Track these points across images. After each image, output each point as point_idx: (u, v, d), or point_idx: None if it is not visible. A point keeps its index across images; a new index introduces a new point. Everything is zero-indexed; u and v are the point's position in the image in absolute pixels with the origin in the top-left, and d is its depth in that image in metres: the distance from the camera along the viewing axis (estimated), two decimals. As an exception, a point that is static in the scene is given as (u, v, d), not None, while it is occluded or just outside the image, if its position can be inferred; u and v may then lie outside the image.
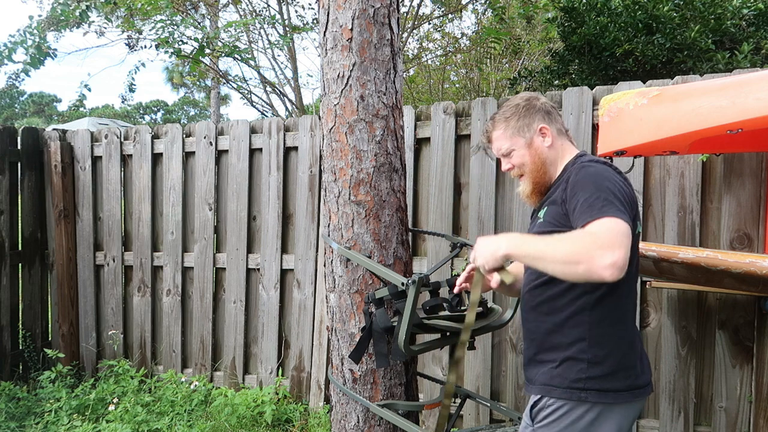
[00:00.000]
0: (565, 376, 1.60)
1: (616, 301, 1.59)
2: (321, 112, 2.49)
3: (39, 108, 35.24)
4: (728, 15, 3.94)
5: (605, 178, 1.53)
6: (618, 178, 1.56)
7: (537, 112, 1.77)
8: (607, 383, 1.57)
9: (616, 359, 1.58)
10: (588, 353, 1.58)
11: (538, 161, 1.75)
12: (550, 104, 1.81)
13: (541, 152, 1.75)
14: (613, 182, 1.52)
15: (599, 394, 1.57)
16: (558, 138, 1.77)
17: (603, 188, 1.48)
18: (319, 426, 3.35)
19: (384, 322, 2.06)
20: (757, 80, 1.91)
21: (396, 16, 2.40)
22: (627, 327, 1.63)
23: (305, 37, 9.02)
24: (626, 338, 1.62)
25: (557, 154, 1.75)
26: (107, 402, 3.61)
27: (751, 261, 2.16)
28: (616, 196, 1.46)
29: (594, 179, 1.53)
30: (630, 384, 1.59)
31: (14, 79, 6.29)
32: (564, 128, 1.81)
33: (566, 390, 1.59)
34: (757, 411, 2.76)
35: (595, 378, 1.57)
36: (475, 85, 9.19)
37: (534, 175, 1.75)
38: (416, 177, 3.42)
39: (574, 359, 1.59)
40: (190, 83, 19.53)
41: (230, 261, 3.85)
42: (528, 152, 1.76)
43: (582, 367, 1.58)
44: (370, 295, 2.15)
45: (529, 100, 1.80)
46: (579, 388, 1.58)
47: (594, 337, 1.58)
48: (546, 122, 1.76)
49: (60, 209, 4.14)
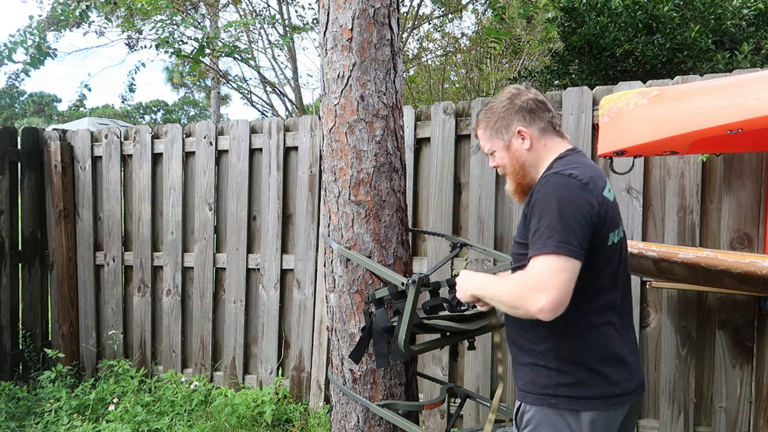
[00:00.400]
0: (537, 382, 1.60)
1: (582, 310, 1.56)
2: (321, 112, 2.49)
3: (39, 108, 35.24)
4: (728, 15, 3.94)
5: (559, 199, 1.50)
6: (575, 194, 1.51)
7: (517, 112, 1.70)
8: (578, 391, 1.56)
9: (585, 368, 1.56)
10: (555, 362, 1.58)
11: (516, 164, 1.73)
12: (535, 100, 1.72)
13: (519, 155, 1.71)
14: (566, 202, 1.49)
15: (570, 401, 1.56)
16: (540, 138, 1.70)
17: (553, 214, 1.48)
18: (319, 426, 3.35)
19: (384, 322, 2.06)
20: (757, 80, 1.91)
21: (396, 16, 2.40)
22: (602, 334, 1.58)
23: (305, 37, 9.03)
24: (600, 346, 1.58)
25: (538, 155, 1.70)
26: (107, 402, 3.61)
27: (751, 261, 2.16)
28: (564, 222, 1.46)
29: (548, 202, 1.51)
30: (603, 392, 1.56)
31: (14, 79, 6.29)
32: (552, 124, 1.72)
33: (538, 396, 1.60)
34: (757, 411, 2.76)
35: (565, 385, 1.56)
36: (475, 85, 9.19)
37: (513, 177, 1.75)
38: (416, 177, 3.42)
39: (544, 366, 1.60)
40: (190, 83, 19.52)
41: (230, 261, 3.85)
42: (507, 154, 1.74)
43: (552, 374, 1.58)
44: (370, 295, 2.15)
45: (511, 98, 1.73)
46: (549, 394, 1.58)
47: (561, 345, 1.58)
48: (525, 123, 1.70)
49: (60, 209, 4.14)
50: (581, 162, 1.64)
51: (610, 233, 1.57)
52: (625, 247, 1.70)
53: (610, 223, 1.58)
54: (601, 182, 1.59)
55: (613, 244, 1.60)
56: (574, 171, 1.56)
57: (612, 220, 1.59)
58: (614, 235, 1.60)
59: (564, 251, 1.44)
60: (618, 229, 1.63)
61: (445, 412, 3.34)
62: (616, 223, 1.61)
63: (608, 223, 1.57)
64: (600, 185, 1.58)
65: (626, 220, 2.94)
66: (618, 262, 1.63)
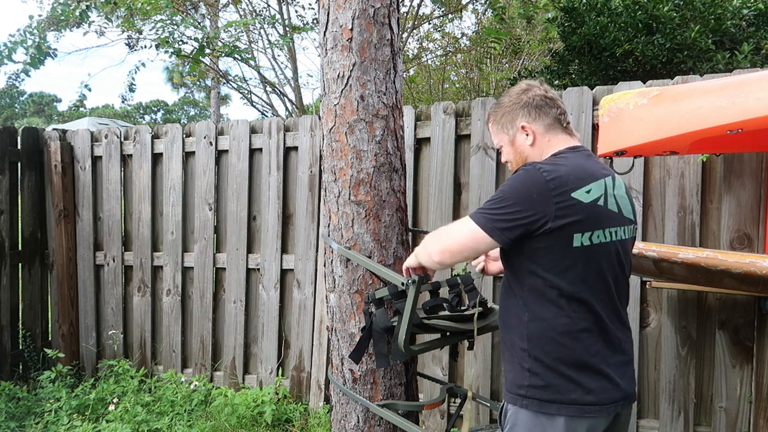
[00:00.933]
0: (514, 382, 1.62)
1: (556, 314, 1.56)
2: (321, 112, 2.49)
3: (39, 108, 35.25)
4: (728, 15, 3.94)
5: (513, 185, 1.59)
6: (529, 184, 1.55)
7: (522, 107, 1.72)
8: (548, 394, 1.56)
9: (557, 372, 1.55)
10: (529, 362, 1.59)
11: (520, 159, 1.75)
12: (543, 96, 1.73)
13: (523, 150, 1.74)
14: (517, 189, 1.57)
15: (540, 403, 1.56)
16: (545, 134, 1.71)
17: (499, 193, 1.59)
18: (319, 426, 3.35)
19: (384, 322, 2.06)
20: (757, 80, 1.91)
21: (396, 16, 2.40)
22: (578, 341, 1.56)
23: (305, 37, 9.03)
24: (575, 353, 1.56)
25: (541, 151, 1.71)
26: (107, 402, 3.61)
27: (751, 261, 2.16)
28: (502, 202, 1.57)
29: (503, 186, 1.61)
30: (575, 399, 1.54)
31: (14, 79, 6.29)
32: (560, 121, 1.72)
33: (514, 396, 1.61)
34: (757, 411, 2.76)
35: (536, 387, 1.57)
36: (475, 85, 9.19)
37: (517, 168, 1.75)
38: (416, 177, 3.42)
39: (520, 366, 1.61)
40: (190, 83, 19.52)
41: (230, 261, 3.85)
42: (512, 149, 1.77)
43: (525, 374, 1.59)
44: (370, 295, 2.15)
45: (520, 94, 1.75)
46: (522, 395, 1.59)
47: (537, 346, 1.58)
48: (530, 119, 1.71)
49: (60, 209, 4.14)
50: (568, 160, 1.63)
51: (575, 234, 1.53)
52: (615, 252, 1.63)
53: (579, 224, 1.54)
54: (579, 182, 1.56)
55: (584, 246, 1.55)
56: (547, 166, 1.57)
57: (586, 221, 1.54)
58: (584, 237, 1.54)
59: (480, 223, 1.59)
60: (597, 231, 1.56)
61: (445, 412, 3.34)
62: (592, 225, 1.56)
63: (575, 223, 1.53)
64: (575, 185, 1.55)
65: (626, 220, 2.94)
66: (598, 266, 1.58)
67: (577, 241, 1.54)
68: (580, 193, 1.55)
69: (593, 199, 1.57)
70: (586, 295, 1.57)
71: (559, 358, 1.56)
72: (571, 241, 1.54)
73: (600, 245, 1.58)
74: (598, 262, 1.58)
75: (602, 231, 1.58)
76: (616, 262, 1.64)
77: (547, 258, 1.55)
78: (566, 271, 1.55)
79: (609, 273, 1.61)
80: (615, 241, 1.62)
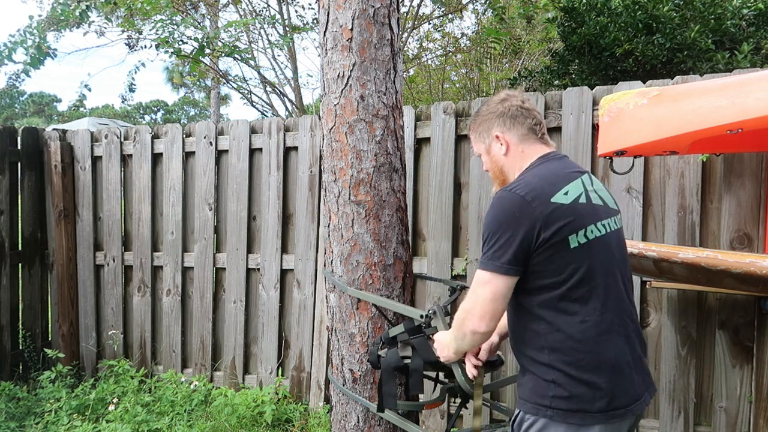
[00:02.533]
0: (534, 391, 1.60)
1: (570, 323, 1.56)
2: (321, 112, 2.49)
3: (39, 108, 35.25)
4: (728, 15, 3.94)
5: (496, 217, 1.59)
6: (511, 212, 1.56)
7: (498, 117, 1.76)
8: (574, 404, 1.54)
9: (580, 381, 1.54)
10: (551, 374, 1.57)
11: (495, 168, 1.81)
12: (519, 107, 1.76)
13: (497, 159, 1.79)
14: (503, 222, 1.57)
15: (565, 414, 1.55)
16: (519, 144, 1.74)
17: (489, 231, 1.60)
18: (319, 426, 3.35)
19: (395, 361, 2.01)
20: (757, 80, 1.91)
21: (396, 16, 2.40)
22: (599, 344, 1.56)
23: (305, 37, 9.02)
24: (598, 358, 1.55)
25: (515, 160, 1.75)
26: (107, 402, 3.61)
27: (751, 261, 2.16)
28: (498, 239, 1.57)
29: (488, 220, 1.62)
30: (601, 407, 1.54)
31: (14, 79, 6.30)
32: (534, 131, 1.75)
33: (534, 406, 1.59)
34: (757, 411, 2.76)
35: (560, 398, 1.55)
36: (475, 85, 9.19)
37: (496, 180, 1.82)
38: (416, 177, 3.42)
39: (542, 378, 1.59)
40: (190, 83, 19.53)
41: (230, 261, 3.85)
42: (488, 158, 1.82)
43: (550, 386, 1.57)
44: (384, 336, 2.11)
45: (497, 103, 1.79)
46: (546, 405, 1.57)
47: (556, 357, 1.57)
48: (504, 128, 1.75)
49: (60, 209, 4.14)
50: (539, 170, 1.67)
51: (570, 236, 1.55)
52: (615, 243, 1.65)
53: (570, 225, 1.55)
54: (553, 187, 1.58)
55: (581, 244, 1.56)
56: (517, 185, 1.61)
57: (572, 221, 1.56)
58: (580, 236, 1.56)
59: (491, 267, 1.57)
60: (590, 227, 1.58)
61: (445, 412, 3.34)
62: (582, 222, 1.57)
63: (565, 225, 1.55)
64: (550, 190, 1.57)
65: (626, 220, 2.94)
66: (601, 261, 1.59)
67: (574, 242, 1.55)
68: (559, 197, 1.57)
69: (573, 199, 1.59)
70: (597, 292, 1.57)
71: (581, 366, 1.55)
72: (567, 243, 1.55)
73: (597, 239, 1.59)
74: (600, 257, 1.59)
75: (594, 225, 1.60)
76: (617, 252, 1.65)
77: (551, 268, 1.56)
78: (573, 275, 1.56)
79: (614, 265, 1.63)
80: (610, 232, 1.64)
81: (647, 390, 1.65)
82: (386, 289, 2.38)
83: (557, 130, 3.08)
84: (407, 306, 2.13)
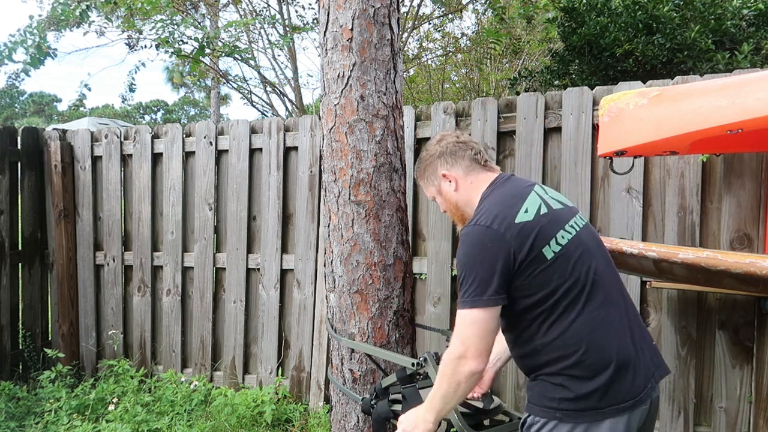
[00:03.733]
0: (543, 394, 1.61)
1: (565, 329, 1.57)
2: (321, 112, 2.49)
3: (39, 108, 35.26)
4: (728, 15, 3.94)
5: (469, 253, 1.60)
6: (482, 245, 1.58)
7: (438, 157, 1.82)
8: (581, 404, 1.55)
9: (586, 380, 1.55)
10: (556, 379, 1.58)
11: (451, 205, 1.85)
12: (455, 142, 1.82)
13: (450, 197, 1.84)
14: (476, 256, 1.58)
15: (575, 414, 1.56)
16: (466, 177, 1.80)
17: (466, 268, 1.60)
18: (319, 426, 3.35)
19: (385, 413, 2.03)
20: (757, 80, 1.91)
21: (396, 16, 2.40)
22: (599, 341, 1.57)
23: (305, 37, 9.02)
24: (597, 358, 1.56)
25: (467, 193, 1.80)
26: (107, 402, 3.61)
27: (751, 261, 2.16)
28: (473, 271, 1.58)
29: (461, 258, 1.62)
30: (609, 402, 1.55)
31: (14, 79, 6.30)
32: (478, 160, 1.81)
33: (543, 408, 1.60)
34: (757, 411, 2.76)
35: (567, 399, 1.56)
36: (475, 85, 9.18)
37: (454, 217, 1.87)
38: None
39: (549, 383, 1.60)
40: (190, 83, 19.52)
41: (230, 261, 3.85)
42: (442, 198, 1.88)
43: (556, 388, 1.58)
44: (377, 387, 2.11)
45: (434, 145, 1.84)
46: (554, 408, 1.58)
47: (557, 366, 1.58)
48: (448, 166, 1.81)
49: (60, 209, 4.13)
50: (493, 197, 1.69)
51: (543, 248, 1.57)
52: (587, 238, 1.67)
53: (539, 238, 1.58)
54: (512, 209, 1.61)
55: (557, 253, 1.58)
56: (479, 217, 1.63)
57: (541, 234, 1.58)
58: (554, 245, 1.58)
59: (478, 304, 1.56)
60: (559, 233, 1.61)
61: None
62: (551, 231, 1.60)
63: (536, 239, 1.57)
64: (511, 213, 1.60)
65: (626, 220, 2.94)
66: (581, 260, 1.60)
67: (549, 253, 1.58)
68: (521, 216, 1.60)
69: (535, 213, 1.62)
70: (586, 292, 1.58)
71: (587, 366, 1.55)
72: (544, 257, 1.57)
73: (570, 242, 1.62)
74: (579, 258, 1.61)
75: (563, 230, 1.63)
76: (592, 245, 1.68)
77: (536, 284, 1.57)
78: (560, 285, 1.57)
79: (593, 259, 1.64)
80: (579, 230, 1.67)
81: (657, 369, 1.65)
82: (386, 289, 2.38)
83: (557, 130, 3.09)
84: (398, 354, 2.16)
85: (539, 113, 3.10)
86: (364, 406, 2.16)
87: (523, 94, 3.19)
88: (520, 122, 3.15)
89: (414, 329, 2.57)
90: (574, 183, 3.03)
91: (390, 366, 2.38)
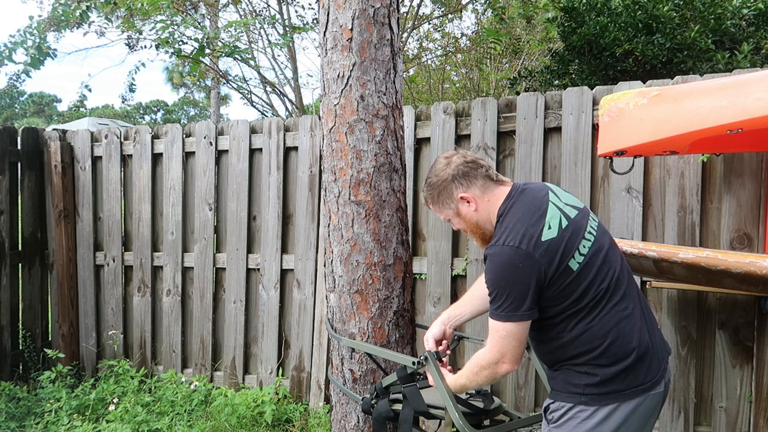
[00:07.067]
0: (569, 381, 1.70)
1: (590, 323, 1.66)
2: (321, 112, 2.49)
3: (39, 108, 35.25)
4: (728, 15, 3.94)
5: (501, 275, 1.65)
6: (513, 266, 1.62)
7: (452, 181, 1.82)
8: (605, 387, 1.65)
9: (609, 366, 1.65)
10: (581, 368, 1.68)
11: (471, 224, 1.86)
12: (464, 163, 1.82)
13: (470, 217, 1.84)
14: (508, 277, 1.63)
15: (600, 397, 1.65)
16: (483, 195, 1.81)
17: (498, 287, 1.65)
18: (319, 426, 3.35)
19: (385, 412, 2.04)
20: (757, 80, 1.91)
21: (396, 16, 2.40)
22: (621, 331, 1.66)
23: (305, 37, 9.03)
24: (620, 347, 1.65)
25: (487, 211, 1.81)
26: (107, 402, 3.61)
27: (751, 261, 2.16)
28: (505, 290, 1.64)
29: (491, 277, 1.68)
30: (630, 383, 1.65)
31: (14, 80, 6.28)
32: (490, 177, 1.82)
33: (568, 394, 1.69)
34: (757, 411, 2.76)
35: (592, 385, 1.66)
36: (475, 85, 9.19)
37: (475, 235, 1.88)
38: (416, 177, 3.42)
39: (573, 371, 1.69)
40: (190, 83, 19.52)
41: (230, 261, 3.85)
42: (460, 219, 1.87)
43: (581, 376, 1.68)
44: (377, 387, 2.12)
45: (444, 168, 1.83)
46: (579, 393, 1.67)
47: (582, 356, 1.67)
48: (464, 188, 1.81)
49: (60, 209, 4.14)
50: (514, 215, 1.71)
51: (568, 262, 1.64)
52: (602, 241, 1.74)
53: (565, 253, 1.64)
54: (536, 227, 1.65)
55: (581, 264, 1.66)
56: (506, 238, 1.66)
57: (566, 249, 1.65)
58: (577, 256, 1.66)
59: (514, 319, 1.64)
60: (581, 243, 1.68)
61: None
62: (574, 244, 1.66)
63: (563, 255, 1.64)
64: (536, 231, 1.64)
65: (626, 220, 2.94)
66: (603, 264, 1.69)
67: (574, 265, 1.65)
68: (546, 234, 1.65)
69: (558, 229, 1.67)
70: (609, 290, 1.68)
71: (611, 355, 1.64)
72: (570, 269, 1.65)
73: (590, 250, 1.70)
74: (601, 263, 1.70)
75: (583, 239, 1.70)
76: (607, 244, 1.75)
77: (565, 294, 1.65)
78: (586, 290, 1.66)
79: (612, 260, 1.73)
80: (596, 235, 1.74)
81: (664, 350, 1.77)
82: (386, 289, 2.38)
83: (557, 130, 3.09)
84: (399, 353, 2.15)
85: (539, 113, 3.10)
86: (364, 406, 2.17)
87: (523, 93, 3.19)
88: (520, 122, 3.15)
89: (414, 329, 2.57)
90: (574, 183, 3.03)
91: (390, 365, 2.39)
